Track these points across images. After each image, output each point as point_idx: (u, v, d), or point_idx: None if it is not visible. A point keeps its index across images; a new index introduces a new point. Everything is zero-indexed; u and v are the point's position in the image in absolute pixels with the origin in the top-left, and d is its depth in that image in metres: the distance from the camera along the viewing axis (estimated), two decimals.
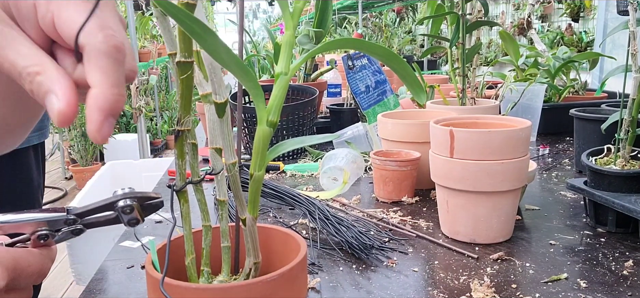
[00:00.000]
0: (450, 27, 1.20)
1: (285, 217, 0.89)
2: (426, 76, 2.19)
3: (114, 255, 0.77)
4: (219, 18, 9.85)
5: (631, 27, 0.77)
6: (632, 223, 0.76)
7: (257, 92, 0.38)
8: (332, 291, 0.63)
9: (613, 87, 1.64)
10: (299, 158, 1.34)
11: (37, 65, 0.31)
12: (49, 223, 0.39)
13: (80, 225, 0.40)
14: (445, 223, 0.80)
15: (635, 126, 0.80)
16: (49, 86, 0.31)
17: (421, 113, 1.11)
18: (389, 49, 0.39)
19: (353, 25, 5.84)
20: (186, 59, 0.38)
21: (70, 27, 0.30)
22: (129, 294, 0.65)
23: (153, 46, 4.58)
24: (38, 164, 0.98)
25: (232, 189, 0.44)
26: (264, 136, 0.39)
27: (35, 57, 0.31)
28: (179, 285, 0.39)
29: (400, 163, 0.94)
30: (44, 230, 0.39)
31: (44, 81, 0.31)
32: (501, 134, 0.72)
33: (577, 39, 3.61)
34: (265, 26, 4.41)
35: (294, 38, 0.38)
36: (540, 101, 1.38)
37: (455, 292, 0.62)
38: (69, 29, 0.30)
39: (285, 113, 1.30)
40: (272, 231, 0.49)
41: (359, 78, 1.37)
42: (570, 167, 1.17)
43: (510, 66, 1.69)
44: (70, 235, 0.40)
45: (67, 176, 4.53)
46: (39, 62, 0.31)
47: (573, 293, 0.60)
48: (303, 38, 1.44)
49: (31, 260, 0.39)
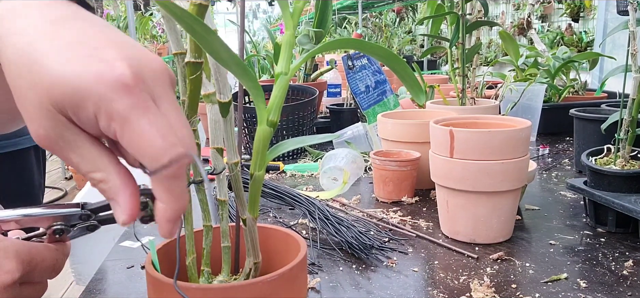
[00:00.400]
0: (450, 27, 1.20)
1: (285, 217, 0.89)
2: (426, 76, 2.19)
3: (114, 255, 0.77)
4: (219, 18, 9.85)
5: (631, 27, 0.77)
6: (632, 223, 0.76)
7: (257, 92, 0.38)
8: (332, 291, 0.63)
9: (613, 87, 1.64)
10: (299, 158, 1.34)
11: (99, 171, 0.32)
12: (64, 218, 0.39)
13: (95, 221, 0.40)
14: (445, 223, 0.80)
15: (635, 126, 0.80)
16: (112, 196, 0.32)
17: (421, 113, 1.11)
18: (388, 49, 0.39)
19: (353, 25, 5.84)
20: (196, 60, 0.38)
21: (134, 151, 0.31)
22: (129, 294, 0.65)
23: (153, 46, 4.58)
24: (39, 164, 0.98)
25: (233, 189, 0.44)
26: (264, 136, 0.39)
27: (98, 161, 0.32)
28: (180, 285, 0.39)
29: (400, 163, 0.94)
30: (59, 225, 0.39)
31: (108, 189, 0.32)
32: (501, 134, 0.72)
33: (577, 39, 3.61)
34: (265, 26, 4.41)
35: (294, 38, 0.38)
36: (540, 101, 1.38)
37: (455, 292, 0.62)
38: (133, 152, 0.31)
39: (285, 112, 1.30)
40: (272, 231, 0.49)
41: (358, 78, 1.37)
42: (570, 167, 1.17)
43: (510, 66, 1.69)
44: (85, 231, 0.40)
45: (67, 176, 4.53)
46: (102, 169, 0.32)
47: (573, 293, 0.60)
48: (303, 38, 1.44)
49: (46, 254, 0.39)
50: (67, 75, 0.30)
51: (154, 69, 0.32)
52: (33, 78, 0.30)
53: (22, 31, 0.32)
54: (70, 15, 0.33)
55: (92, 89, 0.30)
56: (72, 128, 0.31)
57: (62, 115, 0.31)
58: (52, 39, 0.31)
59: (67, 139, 0.31)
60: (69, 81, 0.30)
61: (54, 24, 0.32)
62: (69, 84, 0.30)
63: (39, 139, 0.31)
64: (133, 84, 0.30)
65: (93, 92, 0.30)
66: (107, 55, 0.31)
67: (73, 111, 0.30)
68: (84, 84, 0.29)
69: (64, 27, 0.32)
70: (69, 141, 0.31)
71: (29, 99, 0.31)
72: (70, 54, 0.30)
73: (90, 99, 0.30)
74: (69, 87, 0.30)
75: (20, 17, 0.33)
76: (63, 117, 0.31)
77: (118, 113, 0.30)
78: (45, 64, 0.30)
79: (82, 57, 0.30)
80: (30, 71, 0.31)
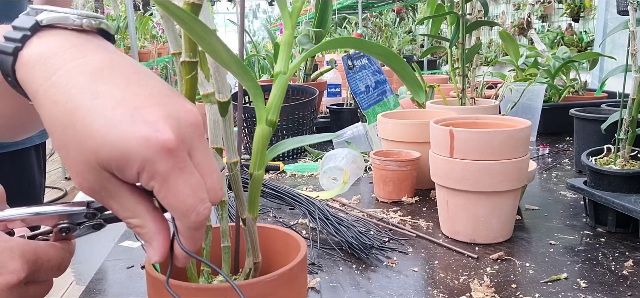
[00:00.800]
0: (450, 27, 1.20)
1: (285, 217, 0.89)
2: (426, 76, 2.19)
3: (114, 255, 0.77)
4: (218, 18, 9.85)
5: (631, 27, 0.77)
6: (632, 223, 0.76)
7: (257, 91, 0.38)
8: (332, 291, 0.63)
9: (613, 87, 1.64)
10: (298, 157, 1.34)
11: (137, 219, 0.35)
12: (70, 216, 0.39)
13: (100, 219, 0.40)
14: (445, 223, 0.80)
15: (635, 126, 0.80)
16: (148, 240, 0.35)
17: (421, 112, 1.11)
18: (388, 49, 0.39)
19: (353, 25, 5.84)
20: (191, 59, 0.38)
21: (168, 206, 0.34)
22: (129, 294, 0.65)
23: (153, 46, 4.58)
24: (39, 164, 0.98)
25: (233, 188, 0.44)
26: (263, 136, 0.39)
27: (136, 210, 0.35)
28: (180, 285, 0.39)
29: (400, 163, 0.94)
30: (65, 223, 0.39)
31: (144, 234, 0.35)
32: (501, 134, 0.72)
33: (578, 39, 3.61)
34: (265, 26, 4.41)
35: (293, 38, 0.38)
36: (540, 101, 1.38)
37: (455, 292, 0.62)
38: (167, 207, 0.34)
39: (285, 112, 1.30)
40: (272, 231, 0.49)
41: (358, 78, 1.37)
42: (570, 167, 1.17)
43: (510, 65, 1.69)
44: (91, 230, 0.41)
45: (67, 176, 4.52)
46: (139, 216, 0.35)
47: (573, 293, 0.60)
48: (303, 38, 1.44)
49: (52, 253, 0.39)
50: (113, 139, 0.31)
51: (191, 123, 0.34)
52: (78, 139, 0.32)
53: (62, 87, 0.33)
54: (105, 65, 0.34)
55: (139, 153, 0.31)
56: (114, 180, 0.33)
57: (106, 171, 0.33)
58: (94, 97, 0.32)
59: (109, 190, 0.34)
60: (116, 145, 0.31)
61: (92, 79, 0.33)
62: (116, 148, 0.31)
63: (83, 189, 0.34)
64: (175, 146, 0.32)
65: (140, 155, 0.32)
66: (150, 116, 0.32)
67: (118, 170, 0.32)
68: (131, 148, 0.31)
69: (103, 82, 0.33)
70: (110, 191, 0.34)
71: (73, 155, 0.33)
72: (115, 115, 0.32)
73: (137, 161, 0.32)
74: (116, 151, 0.31)
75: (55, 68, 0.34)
76: (107, 173, 0.33)
77: (159, 174, 0.32)
78: (91, 126, 0.32)
79: (126, 119, 0.32)
80: (75, 131, 0.32)
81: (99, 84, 0.33)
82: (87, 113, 0.32)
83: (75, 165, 0.33)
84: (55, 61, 0.34)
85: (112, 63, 0.35)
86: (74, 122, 0.32)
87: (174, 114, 0.33)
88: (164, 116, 0.32)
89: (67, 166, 0.34)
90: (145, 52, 4.40)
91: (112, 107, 0.32)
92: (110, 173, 0.33)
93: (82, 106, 0.32)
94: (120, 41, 4.03)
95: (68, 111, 0.32)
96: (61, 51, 0.34)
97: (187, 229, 0.34)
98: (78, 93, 0.32)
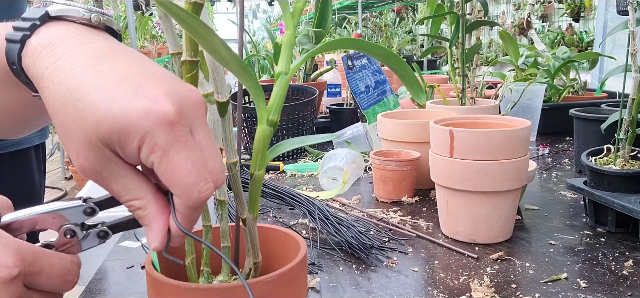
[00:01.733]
0: (450, 27, 1.20)
1: (285, 217, 0.89)
2: (426, 76, 2.19)
3: (114, 255, 0.77)
4: (218, 18, 9.85)
5: (631, 27, 0.77)
6: (632, 223, 0.76)
7: (258, 91, 0.38)
8: (332, 291, 0.63)
9: (613, 87, 1.64)
10: (298, 158, 1.34)
11: (138, 200, 0.35)
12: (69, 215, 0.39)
13: (106, 228, 0.40)
14: (445, 223, 0.80)
15: (635, 126, 0.80)
16: (148, 223, 0.35)
17: (421, 112, 1.11)
18: (388, 49, 0.39)
19: (353, 25, 5.84)
20: (192, 58, 0.38)
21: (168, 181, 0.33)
22: (129, 294, 0.65)
23: (153, 46, 4.57)
24: (39, 164, 0.98)
25: (232, 188, 0.44)
26: (264, 136, 0.39)
27: (137, 191, 0.34)
28: (179, 285, 0.39)
29: (400, 163, 0.94)
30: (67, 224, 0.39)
31: (145, 216, 0.35)
32: (501, 134, 0.72)
33: (578, 39, 3.61)
34: (265, 26, 4.41)
35: (294, 38, 0.38)
36: (540, 101, 1.38)
37: (455, 291, 0.62)
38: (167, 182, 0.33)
39: (285, 112, 1.30)
40: (272, 231, 0.49)
41: (358, 78, 1.37)
42: (570, 167, 1.17)
43: (510, 65, 1.69)
44: (97, 240, 0.40)
45: (67, 176, 4.52)
46: (141, 197, 0.35)
47: (573, 293, 0.60)
48: (303, 38, 1.44)
49: (55, 260, 0.38)
50: (114, 112, 0.32)
51: (193, 101, 0.34)
52: (80, 115, 0.32)
53: (66, 69, 0.33)
54: (110, 51, 0.35)
55: (139, 125, 0.32)
56: (116, 160, 0.33)
57: (108, 149, 0.33)
58: (97, 76, 0.33)
59: (111, 170, 0.33)
60: (117, 118, 0.31)
61: (96, 61, 0.34)
62: (118, 121, 0.31)
63: (84, 171, 0.33)
64: (176, 120, 0.32)
65: (140, 127, 0.32)
66: (151, 91, 0.32)
67: (119, 144, 0.32)
68: (132, 120, 0.31)
69: (106, 64, 0.34)
70: (112, 171, 0.34)
71: (74, 134, 0.33)
72: (116, 91, 0.32)
73: (137, 134, 0.32)
74: (117, 124, 0.31)
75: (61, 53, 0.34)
76: (109, 150, 0.33)
77: (159, 146, 0.32)
78: (93, 101, 0.32)
79: (128, 94, 0.32)
80: (76, 109, 0.32)
81: (103, 65, 0.33)
82: (89, 90, 0.32)
83: (76, 144, 0.33)
84: (62, 47, 0.35)
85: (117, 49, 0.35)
86: (75, 100, 0.32)
87: (176, 91, 0.33)
88: (165, 91, 0.33)
89: (68, 149, 0.34)
90: (145, 52, 4.40)
91: (114, 83, 0.32)
92: (111, 150, 0.33)
93: (85, 84, 0.32)
94: None
95: (71, 90, 0.33)
96: (68, 38, 0.35)
97: (187, 208, 0.34)
98: (82, 73, 0.33)
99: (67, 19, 0.37)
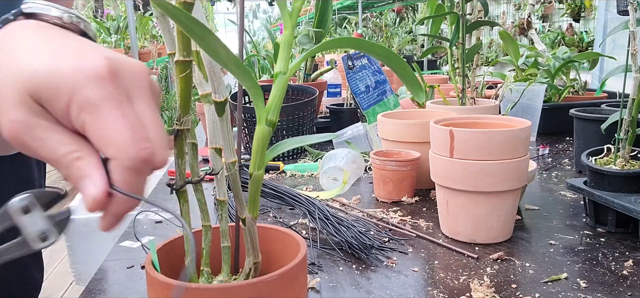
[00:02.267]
0: (450, 27, 1.20)
1: (285, 217, 0.89)
2: (426, 76, 2.19)
3: (114, 255, 0.77)
4: (219, 18, 9.86)
5: (631, 27, 0.77)
6: (632, 223, 0.76)
7: (256, 91, 0.38)
8: (332, 291, 0.63)
9: (613, 87, 1.64)
10: (298, 158, 1.34)
11: (78, 151, 0.32)
12: None
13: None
14: (445, 223, 0.80)
15: (635, 126, 0.80)
16: (87, 172, 0.31)
17: (421, 112, 1.11)
18: (388, 49, 0.39)
19: (353, 25, 5.84)
20: (185, 58, 0.38)
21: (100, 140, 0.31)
22: (129, 294, 0.65)
23: (153, 46, 4.58)
24: (39, 164, 0.98)
25: (232, 188, 0.44)
26: (263, 136, 0.39)
27: (76, 144, 0.32)
28: (180, 286, 0.39)
29: (400, 163, 0.94)
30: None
31: (83, 166, 0.31)
32: (501, 134, 0.72)
33: (578, 39, 3.61)
34: (265, 26, 4.41)
35: (293, 37, 0.38)
36: (540, 101, 1.38)
37: (455, 292, 0.62)
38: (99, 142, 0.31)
39: (285, 112, 1.30)
40: (272, 231, 0.49)
41: (358, 78, 1.37)
42: (570, 167, 1.17)
43: (510, 65, 1.69)
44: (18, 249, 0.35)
45: None
46: (80, 149, 0.32)
47: (573, 293, 0.60)
48: (303, 38, 1.44)
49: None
50: (46, 68, 0.31)
51: (132, 70, 0.33)
52: (13, 73, 0.32)
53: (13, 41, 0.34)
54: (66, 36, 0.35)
55: (68, 78, 0.31)
56: (47, 116, 0.32)
57: (37, 105, 0.31)
58: (43, 46, 0.33)
59: (42, 126, 0.32)
60: (48, 72, 0.31)
61: (47, 39, 0.34)
62: (48, 75, 0.31)
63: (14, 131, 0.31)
64: (108, 77, 0.31)
65: (69, 81, 0.31)
66: (88, 55, 0.32)
67: (48, 100, 0.31)
68: (62, 74, 0.31)
69: (56, 41, 0.34)
70: (44, 127, 0.32)
71: (6, 92, 0.32)
72: (55, 54, 0.32)
73: (66, 88, 0.31)
74: (47, 77, 0.31)
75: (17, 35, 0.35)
76: (38, 106, 0.31)
77: (89, 102, 0.30)
78: (27, 62, 0.32)
79: (65, 57, 0.32)
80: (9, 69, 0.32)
81: (52, 42, 0.33)
82: (27, 53, 0.32)
83: (6, 103, 0.32)
84: (20, 32, 0.35)
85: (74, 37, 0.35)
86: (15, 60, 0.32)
87: (116, 57, 0.33)
88: (105, 56, 0.32)
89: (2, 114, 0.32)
90: (145, 52, 4.40)
91: (55, 50, 0.32)
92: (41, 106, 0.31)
93: (25, 49, 0.33)
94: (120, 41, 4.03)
95: (10, 55, 0.33)
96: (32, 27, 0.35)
97: (125, 170, 0.31)
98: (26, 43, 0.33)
99: (39, 17, 0.37)
